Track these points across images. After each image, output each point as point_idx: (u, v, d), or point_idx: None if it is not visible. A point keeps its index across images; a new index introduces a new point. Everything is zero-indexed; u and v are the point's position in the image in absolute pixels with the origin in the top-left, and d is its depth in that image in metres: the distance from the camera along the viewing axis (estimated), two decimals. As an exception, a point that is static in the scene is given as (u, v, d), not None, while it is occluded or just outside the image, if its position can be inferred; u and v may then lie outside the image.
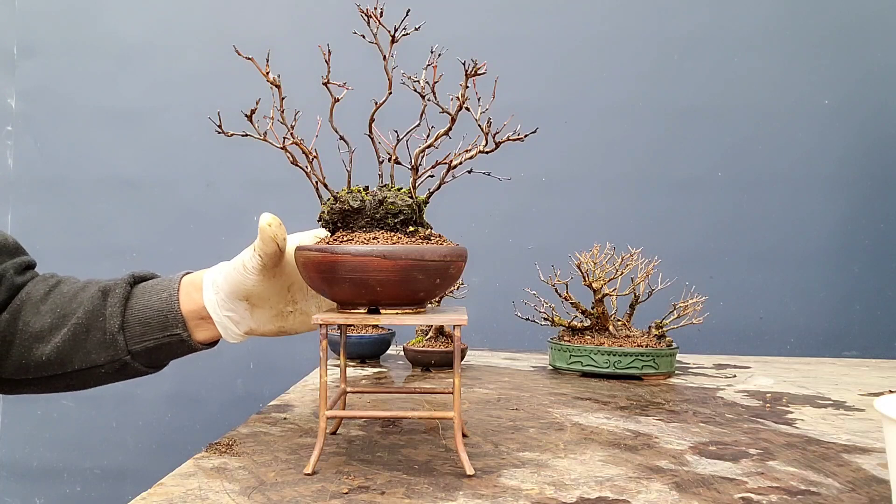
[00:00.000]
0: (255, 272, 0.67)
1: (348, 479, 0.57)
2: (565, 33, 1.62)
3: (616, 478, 0.58)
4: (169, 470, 0.59)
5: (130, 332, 0.70)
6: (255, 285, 0.67)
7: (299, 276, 0.70)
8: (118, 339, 0.69)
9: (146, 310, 0.70)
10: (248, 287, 0.68)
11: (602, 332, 1.12)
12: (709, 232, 1.58)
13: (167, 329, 0.70)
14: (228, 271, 0.68)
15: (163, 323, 0.70)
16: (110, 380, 0.73)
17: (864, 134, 1.58)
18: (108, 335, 0.69)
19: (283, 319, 0.71)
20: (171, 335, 0.70)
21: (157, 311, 0.70)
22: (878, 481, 0.59)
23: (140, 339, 0.70)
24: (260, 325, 0.71)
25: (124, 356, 0.70)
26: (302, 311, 0.72)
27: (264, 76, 0.62)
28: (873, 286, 1.57)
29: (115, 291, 0.71)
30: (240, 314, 0.70)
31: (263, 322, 0.71)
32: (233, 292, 0.68)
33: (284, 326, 0.72)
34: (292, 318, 0.71)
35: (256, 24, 1.65)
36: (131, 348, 0.70)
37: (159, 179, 1.66)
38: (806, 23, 1.59)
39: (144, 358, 0.72)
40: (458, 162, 0.65)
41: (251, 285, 0.67)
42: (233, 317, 0.70)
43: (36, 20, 1.69)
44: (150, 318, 0.70)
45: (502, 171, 0.71)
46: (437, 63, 0.63)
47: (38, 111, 1.68)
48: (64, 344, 0.70)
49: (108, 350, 0.70)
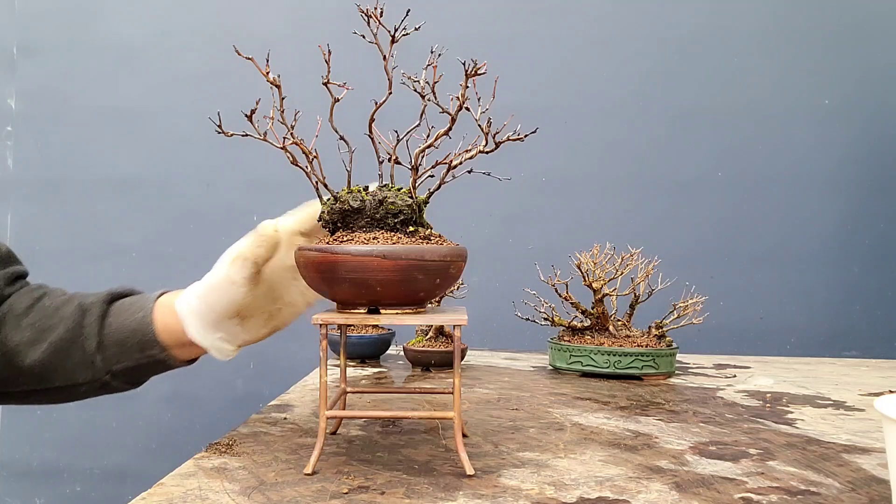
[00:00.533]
0: (246, 282, 0.65)
1: (348, 479, 0.57)
2: (565, 33, 1.62)
3: (616, 478, 0.58)
4: (169, 470, 0.59)
5: (108, 352, 0.69)
6: (245, 297, 0.66)
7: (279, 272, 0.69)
8: (96, 359, 0.69)
9: (122, 330, 0.69)
10: (239, 301, 0.66)
11: (602, 332, 1.12)
12: (709, 232, 1.58)
13: (144, 350, 0.69)
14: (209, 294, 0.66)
15: (139, 344, 0.69)
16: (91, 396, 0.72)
17: (863, 134, 1.58)
18: (88, 354, 0.69)
19: (273, 319, 0.70)
20: (149, 356, 0.69)
21: (132, 332, 0.69)
22: (878, 481, 0.59)
23: (118, 358, 0.69)
24: (252, 335, 0.70)
25: (104, 376, 0.69)
26: (288, 303, 0.71)
27: (264, 76, 0.62)
28: (873, 286, 1.57)
29: (91, 311, 0.70)
30: (230, 332, 0.68)
31: (256, 329, 0.70)
32: (221, 314, 0.66)
33: (277, 325, 0.71)
34: (282, 314, 0.70)
35: (256, 24, 1.65)
36: (109, 368, 0.69)
37: (159, 179, 1.66)
38: (806, 23, 1.59)
39: (125, 377, 0.71)
40: (458, 162, 0.65)
41: (241, 299, 0.66)
42: (223, 336, 0.68)
43: (36, 20, 1.69)
44: (126, 339, 0.69)
45: (502, 171, 0.71)
46: (437, 63, 0.63)
47: (38, 111, 1.68)
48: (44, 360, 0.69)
49: (87, 370, 0.69)
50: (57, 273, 1.66)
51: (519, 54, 1.61)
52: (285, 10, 1.65)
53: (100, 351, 0.69)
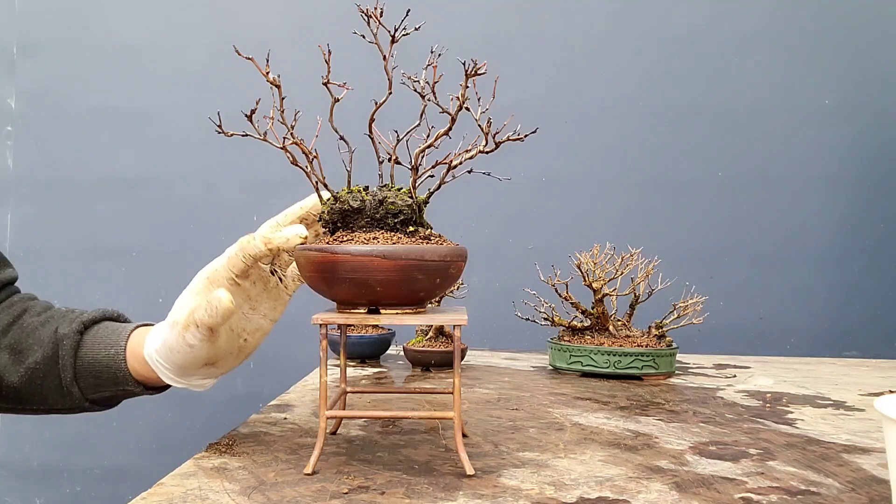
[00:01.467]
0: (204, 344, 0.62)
1: (348, 479, 0.57)
2: (565, 33, 1.62)
3: (616, 478, 0.58)
4: (169, 470, 0.59)
5: (84, 382, 0.68)
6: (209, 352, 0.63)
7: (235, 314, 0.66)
8: (73, 390, 0.68)
9: (95, 363, 0.68)
10: (203, 357, 0.63)
11: (602, 332, 1.12)
12: (709, 232, 1.58)
13: (119, 384, 0.68)
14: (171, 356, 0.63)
15: (113, 379, 0.68)
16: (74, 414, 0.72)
17: (864, 134, 1.58)
18: (64, 384, 0.68)
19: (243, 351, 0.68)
20: (125, 390, 0.68)
21: (105, 367, 0.68)
22: (878, 481, 0.59)
23: (95, 389, 0.69)
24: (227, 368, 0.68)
25: (83, 403, 0.69)
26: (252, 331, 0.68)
27: (264, 76, 0.62)
28: (873, 286, 1.57)
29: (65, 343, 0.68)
30: (204, 374, 0.66)
31: (228, 365, 0.67)
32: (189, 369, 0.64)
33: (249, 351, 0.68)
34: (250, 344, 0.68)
35: (256, 24, 1.65)
36: (88, 396, 0.69)
37: (159, 179, 1.66)
38: (806, 23, 1.59)
39: (103, 404, 0.71)
40: (458, 162, 0.65)
41: (206, 354, 0.63)
42: (196, 379, 0.67)
43: (36, 20, 1.69)
44: (99, 373, 0.68)
45: (502, 171, 0.71)
46: (437, 63, 0.63)
47: (38, 111, 1.69)
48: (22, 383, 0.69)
49: (65, 398, 0.69)
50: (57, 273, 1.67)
51: (519, 54, 1.61)
52: (285, 10, 1.65)
53: (76, 382, 0.68)
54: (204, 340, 0.61)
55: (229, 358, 0.67)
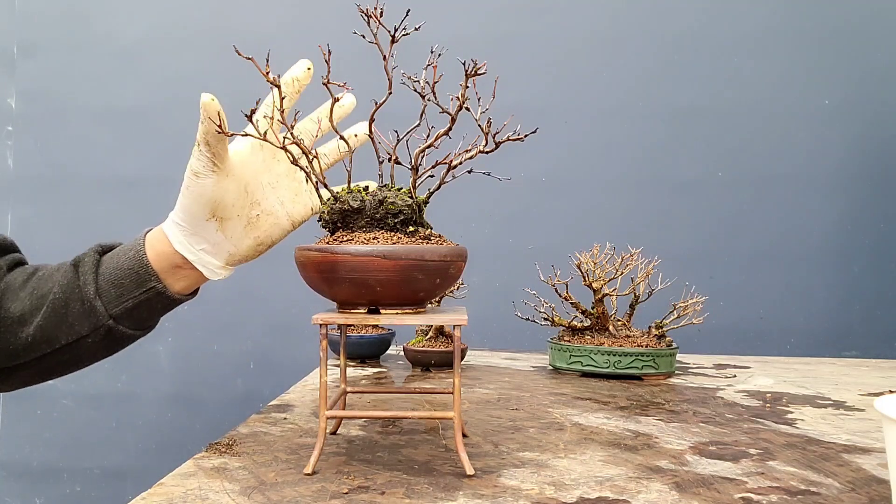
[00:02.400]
0: (208, 170, 0.65)
1: (348, 480, 0.57)
2: (565, 33, 1.62)
3: (616, 478, 0.58)
4: (169, 470, 0.59)
5: (106, 296, 0.69)
6: (213, 188, 0.66)
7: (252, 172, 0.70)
8: (96, 305, 0.69)
9: (117, 271, 0.69)
10: (207, 194, 0.66)
11: (602, 332, 1.12)
12: (709, 232, 1.58)
13: (141, 285, 0.69)
14: (181, 200, 0.67)
15: (136, 280, 0.69)
16: (102, 351, 0.72)
17: (864, 134, 1.58)
18: (86, 303, 0.69)
19: (254, 228, 0.70)
20: (147, 290, 0.69)
21: (127, 270, 0.69)
22: (879, 481, 0.59)
23: (118, 301, 0.69)
24: (236, 244, 0.70)
25: (106, 321, 0.69)
26: (267, 211, 0.71)
27: (264, 76, 0.62)
28: (873, 286, 1.57)
29: (84, 262, 0.71)
30: (212, 239, 0.68)
31: (237, 238, 0.69)
32: (196, 215, 0.67)
33: (259, 236, 0.70)
34: (262, 223, 0.70)
35: (256, 23, 1.65)
36: (111, 312, 0.69)
37: (159, 179, 1.65)
38: (806, 23, 1.59)
39: (128, 320, 0.71)
40: (458, 162, 0.65)
41: (210, 189, 0.66)
42: (207, 248, 0.69)
43: (36, 20, 1.69)
44: (122, 279, 0.69)
45: (502, 171, 0.71)
46: (437, 63, 0.63)
47: (38, 111, 1.68)
48: (45, 322, 0.70)
49: (89, 318, 0.69)
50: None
51: (519, 54, 1.61)
52: (285, 10, 1.65)
53: (98, 296, 0.69)
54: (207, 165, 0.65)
55: (236, 222, 0.69)
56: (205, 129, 0.64)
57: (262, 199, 0.71)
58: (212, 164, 0.65)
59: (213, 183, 0.66)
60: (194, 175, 0.66)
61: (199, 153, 0.65)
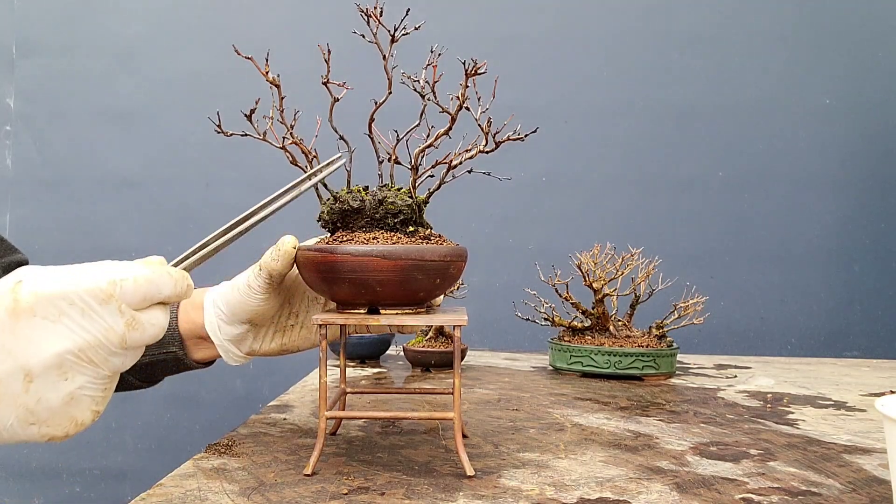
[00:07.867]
0: (262, 291, 0.65)
1: (348, 480, 0.56)
2: (565, 33, 1.62)
3: (616, 478, 0.58)
4: (168, 470, 0.58)
5: None
6: (259, 305, 0.66)
7: (300, 287, 0.70)
8: None
9: None
10: (252, 307, 0.66)
11: (602, 332, 1.12)
12: (709, 232, 1.58)
13: (163, 346, 0.69)
14: (229, 293, 0.67)
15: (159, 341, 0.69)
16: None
17: (864, 134, 1.58)
18: None
19: (284, 335, 0.70)
20: (167, 352, 0.69)
21: None
22: (879, 482, 0.59)
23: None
24: (262, 345, 0.70)
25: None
26: (303, 324, 0.71)
27: (264, 76, 0.62)
28: (873, 286, 1.57)
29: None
30: (242, 335, 0.69)
31: (266, 341, 0.70)
32: (235, 315, 0.67)
33: (286, 344, 0.71)
34: (294, 333, 0.71)
35: (256, 23, 1.65)
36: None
37: (159, 179, 1.66)
38: (807, 23, 1.59)
39: (140, 373, 0.71)
40: (458, 162, 0.64)
41: (256, 305, 0.66)
42: (234, 339, 0.69)
43: (36, 20, 1.69)
44: None
45: (502, 171, 0.71)
46: (437, 63, 0.62)
47: (37, 111, 1.68)
48: None
49: None
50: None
51: (519, 54, 1.61)
52: (285, 10, 1.65)
53: None
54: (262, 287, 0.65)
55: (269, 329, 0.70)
56: (272, 265, 0.64)
57: (300, 312, 0.71)
58: (266, 286, 0.65)
59: (263, 300, 0.66)
60: (248, 287, 0.66)
61: (258, 273, 0.65)
